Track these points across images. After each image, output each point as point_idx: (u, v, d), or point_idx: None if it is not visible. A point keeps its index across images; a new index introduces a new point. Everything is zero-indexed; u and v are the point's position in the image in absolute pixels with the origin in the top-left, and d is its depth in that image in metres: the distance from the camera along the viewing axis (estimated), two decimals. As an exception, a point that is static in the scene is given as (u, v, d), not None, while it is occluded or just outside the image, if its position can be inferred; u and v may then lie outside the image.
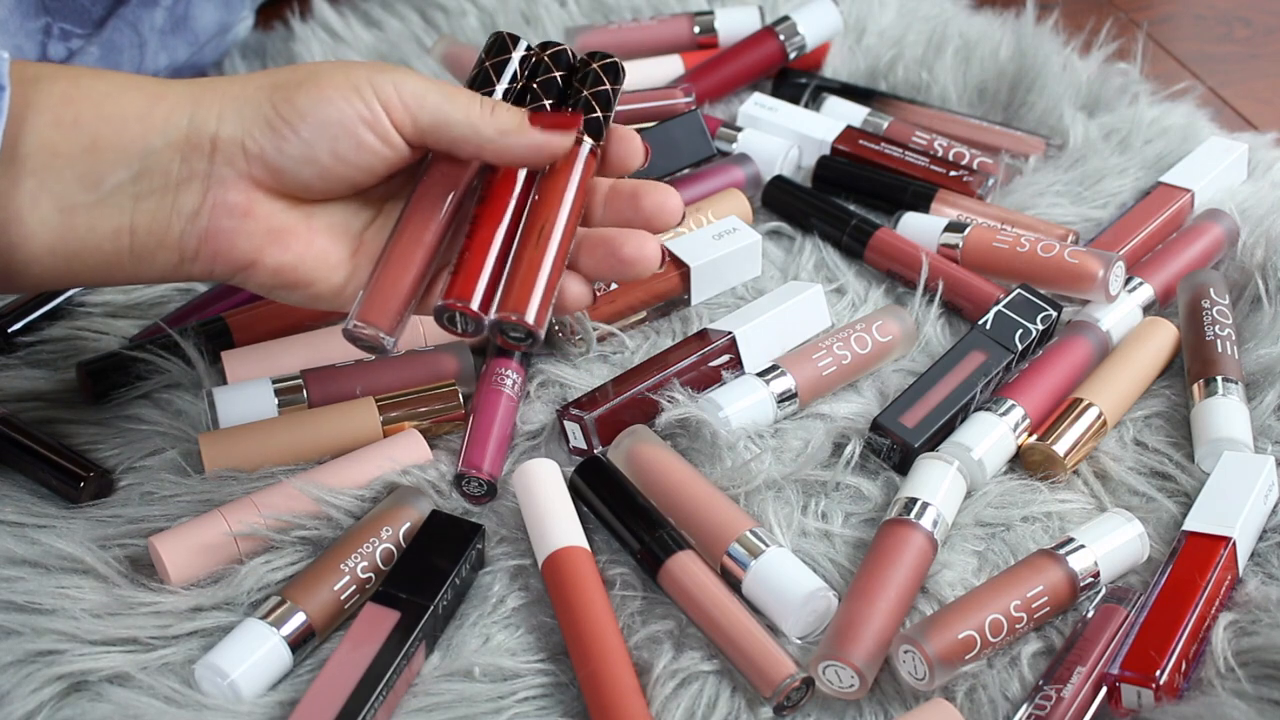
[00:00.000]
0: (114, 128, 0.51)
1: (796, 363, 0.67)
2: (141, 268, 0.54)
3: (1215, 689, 0.53)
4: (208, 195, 0.53)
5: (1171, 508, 0.62)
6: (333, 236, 0.56)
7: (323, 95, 0.53)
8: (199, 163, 0.53)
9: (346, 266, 0.56)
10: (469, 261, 0.55)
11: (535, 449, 0.66)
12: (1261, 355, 0.68)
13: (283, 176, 0.54)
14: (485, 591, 0.59)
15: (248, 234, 0.54)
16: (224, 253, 0.54)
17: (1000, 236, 0.74)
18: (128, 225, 0.52)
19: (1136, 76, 0.89)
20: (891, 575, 0.56)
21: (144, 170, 0.52)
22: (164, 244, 0.53)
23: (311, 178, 0.54)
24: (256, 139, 0.53)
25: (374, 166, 0.55)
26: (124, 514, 0.61)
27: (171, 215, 0.53)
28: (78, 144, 0.51)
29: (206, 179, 0.53)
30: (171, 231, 0.53)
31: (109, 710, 0.53)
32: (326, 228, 0.56)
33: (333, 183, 0.55)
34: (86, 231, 0.52)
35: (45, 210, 0.51)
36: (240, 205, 0.53)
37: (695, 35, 0.93)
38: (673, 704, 0.54)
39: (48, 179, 0.51)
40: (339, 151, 0.54)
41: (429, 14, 0.98)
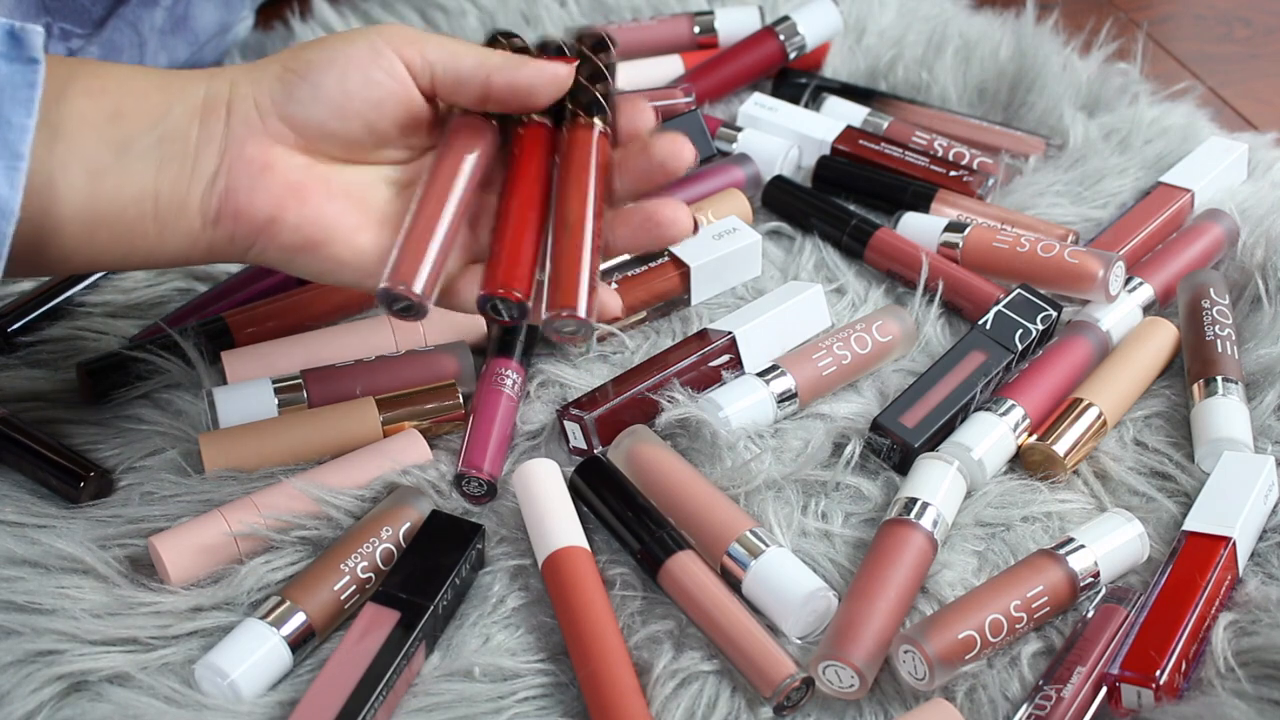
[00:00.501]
0: (137, 97, 0.54)
1: (796, 363, 0.67)
2: (165, 235, 0.55)
3: (1215, 689, 0.53)
4: (225, 155, 0.54)
5: (1171, 508, 0.62)
6: (351, 201, 0.56)
7: (329, 44, 0.55)
8: (216, 125, 0.54)
9: (369, 231, 0.56)
10: (505, 249, 0.55)
11: (535, 449, 0.66)
12: (1261, 355, 0.68)
13: (298, 123, 0.55)
14: (485, 591, 0.59)
15: (266, 188, 0.54)
16: (244, 210, 0.54)
17: (1000, 236, 0.74)
18: (151, 190, 0.54)
19: (1136, 76, 0.89)
20: (891, 575, 0.56)
21: (165, 135, 0.54)
22: (186, 209, 0.54)
23: (326, 116, 0.55)
24: (268, 93, 0.54)
25: (385, 104, 0.55)
26: (124, 514, 0.61)
27: (192, 178, 0.54)
28: (105, 111, 0.53)
29: (224, 139, 0.54)
30: (193, 195, 0.54)
31: (109, 710, 0.53)
32: (347, 191, 0.56)
33: (349, 121, 0.55)
34: (113, 195, 0.53)
35: (74, 174, 0.52)
36: (258, 159, 0.54)
37: (695, 35, 0.93)
38: (673, 704, 0.54)
39: (77, 143, 0.52)
40: (349, 87, 0.54)
41: (429, 14, 0.98)
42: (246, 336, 0.70)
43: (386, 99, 0.55)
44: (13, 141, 0.50)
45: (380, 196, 0.58)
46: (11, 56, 0.50)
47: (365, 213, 0.57)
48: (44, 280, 0.74)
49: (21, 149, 0.50)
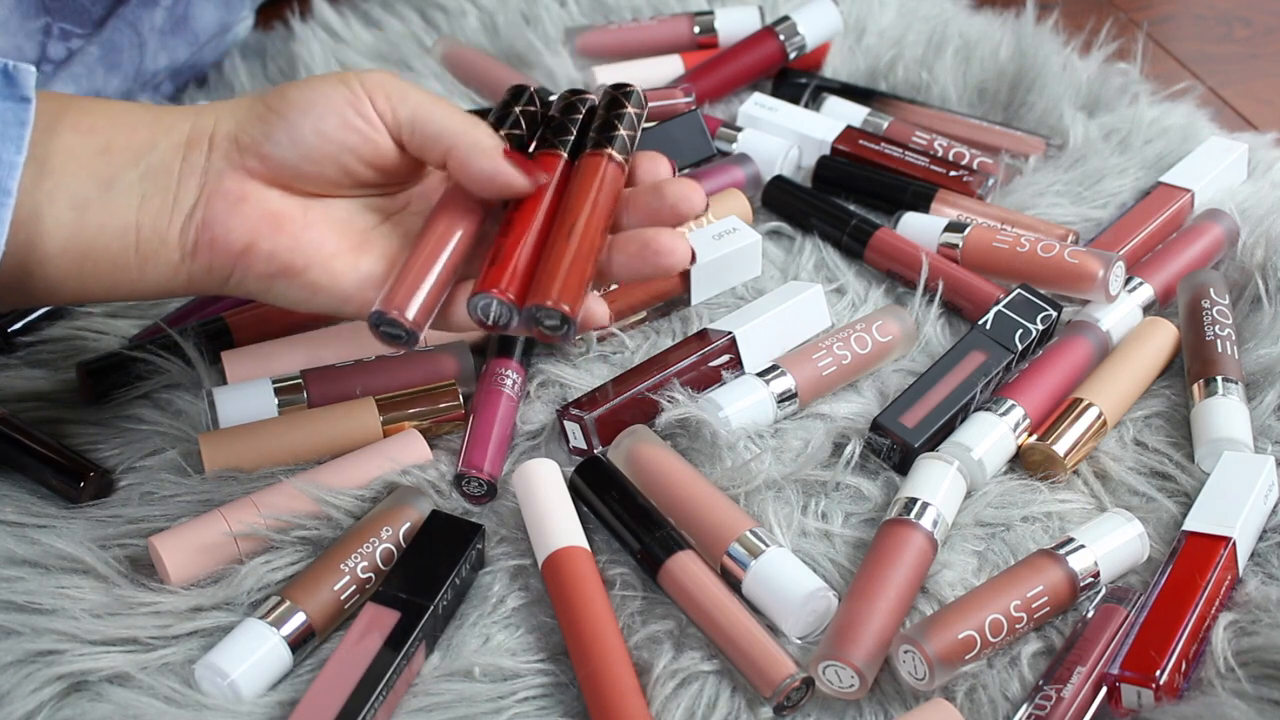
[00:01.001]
0: (125, 132, 0.55)
1: (796, 363, 0.67)
2: (146, 269, 0.55)
3: (1215, 689, 0.53)
4: (205, 187, 0.55)
5: (1171, 508, 0.62)
6: (331, 227, 0.57)
7: (309, 85, 0.56)
8: (197, 158, 0.55)
9: (346, 258, 0.57)
10: (501, 256, 0.56)
11: (535, 449, 0.66)
12: (1261, 355, 0.68)
13: (274, 162, 0.56)
14: (485, 591, 0.59)
15: (242, 218, 0.55)
16: (219, 240, 0.55)
17: (1000, 236, 0.74)
18: (134, 223, 0.54)
19: (1136, 76, 0.89)
20: (891, 575, 0.56)
21: (150, 169, 0.55)
22: (166, 241, 0.55)
23: (299, 159, 0.56)
24: (248, 130, 0.55)
25: (360, 149, 0.56)
26: (124, 514, 0.61)
27: (173, 210, 0.55)
28: (93, 146, 0.54)
29: (204, 172, 0.55)
30: (173, 227, 0.55)
31: (109, 710, 0.53)
32: (325, 219, 0.57)
33: (322, 164, 0.56)
34: (97, 229, 0.54)
35: (60, 208, 0.53)
36: (234, 191, 0.55)
37: (695, 35, 0.93)
38: (673, 704, 0.54)
39: (65, 178, 0.53)
40: (323, 130, 0.55)
41: (429, 14, 0.98)
42: (246, 336, 0.70)
43: (361, 144, 0.56)
44: (1, 178, 0.51)
45: (361, 222, 0.58)
46: (4, 94, 0.51)
47: (344, 238, 0.57)
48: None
49: (10, 185, 0.51)
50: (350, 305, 0.57)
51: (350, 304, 0.57)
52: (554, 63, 0.92)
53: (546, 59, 0.92)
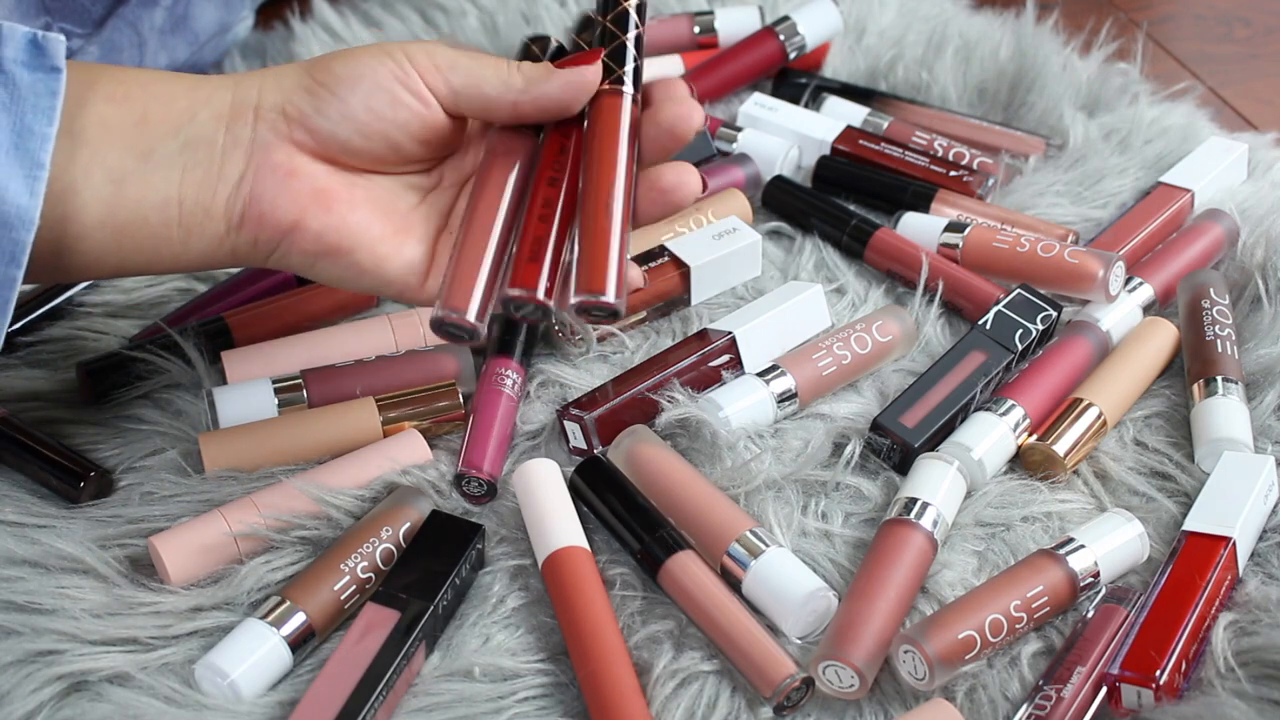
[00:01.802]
0: (162, 102, 0.54)
1: (796, 363, 0.67)
2: (190, 241, 0.55)
3: (1215, 689, 0.53)
4: (252, 159, 0.54)
5: (1171, 508, 0.62)
6: (376, 209, 0.57)
7: (357, 59, 0.55)
8: (243, 130, 0.54)
9: (391, 242, 0.57)
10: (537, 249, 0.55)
11: (535, 449, 0.66)
12: (1261, 355, 0.68)
13: (323, 137, 0.55)
14: (485, 591, 0.59)
15: (291, 194, 0.55)
16: (268, 215, 0.55)
17: (1000, 236, 0.74)
18: (175, 195, 0.54)
19: (1136, 76, 0.89)
20: (891, 575, 0.56)
21: (190, 140, 0.54)
22: (210, 214, 0.54)
23: (350, 134, 0.55)
24: (296, 103, 0.55)
25: (410, 125, 0.56)
26: (124, 514, 0.61)
27: (218, 183, 0.54)
28: (129, 117, 0.53)
29: (250, 144, 0.54)
30: (218, 199, 0.54)
31: (109, 710, 0.53)
32: (369, 199, 0.57)
33: (373, 140, 0.56)
34: (136, 202, 0.53)
35: (97, 181, 0.53)
36: (283, 165, 0.55)
37: (695, 35, 0.93)
38: (673, 704, 0.54)
39: (100, 150, 0.53)
40: (374, 107, 0.55)
41: (429, 14, 0.98)
42: (246, 336, 0.70)
43: (411, 120, 0.56)
44: (34, 150, 0.50)
45: (403, 203, 0.58)
46: (34, 65, 0.50)
47: (388, 221, 0.57)
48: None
49: (42, 158, 0.50)
50: (392, 289, 0.57)
51: (392, 287, 0.57)
52: (554, 63, 0.91)
53: (546, 59, 0.92)
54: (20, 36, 0.50)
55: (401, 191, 0.58)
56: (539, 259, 0.54)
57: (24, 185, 0.50)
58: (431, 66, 0.55)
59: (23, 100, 0.50)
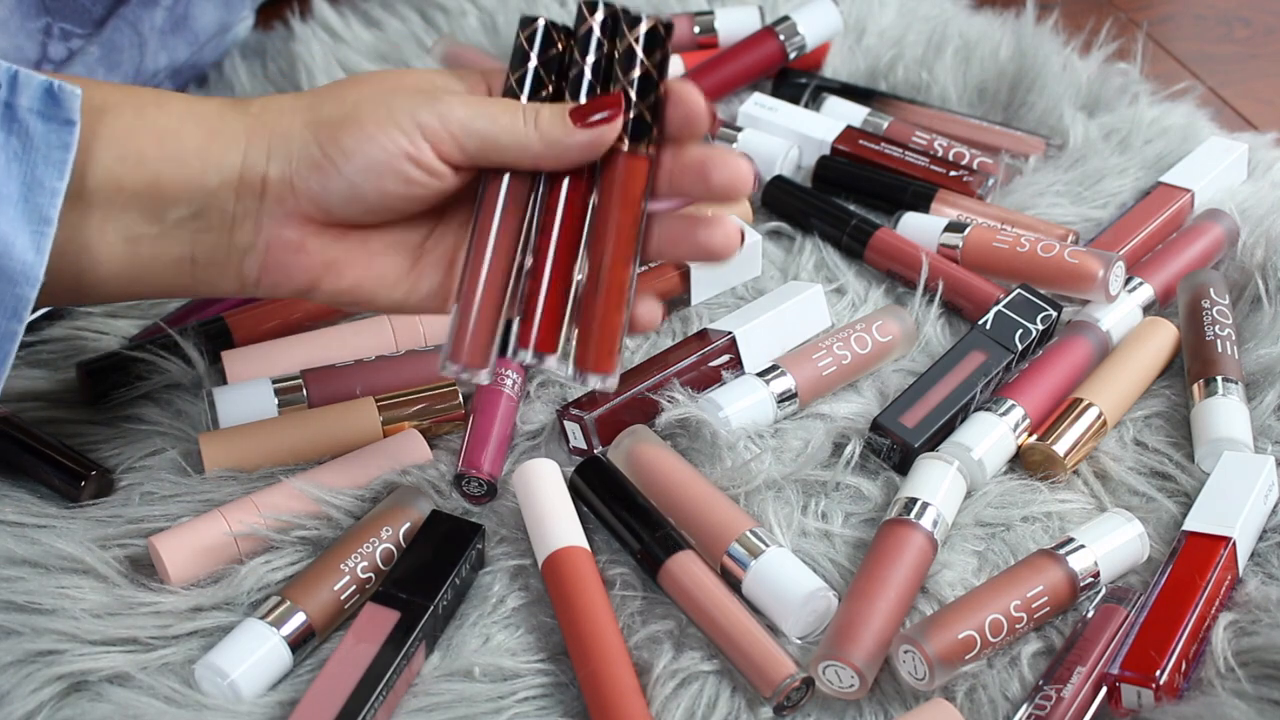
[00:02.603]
0: (174, 165, 0.53)
1: (796, 363, 0.67)
2: (203, 289, 0.56)
3: (1215, 689, 0.53)
4: (261, 233, 0.54)
5: (1171, 508, 0.62)
6: (389, 257, 0.56)
7: (365, 134, 0.52)
8: (251, 202, 0.54)
9: (405, 282, 0.56)
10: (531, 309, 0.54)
11: (535, 449, 0.66)
12: (1261, 355, 0.68)
13: (331, 213, 0.54)
14: (485, 591, 0.59)
15: (303, 267, 0.55)
16: (282, 282, 0.56)
17: (1000, 236, 0.74)
18: (189, 255, 0.54)
19: (1136, 76, 0.89)
20: (891, 575, 0.56)
21: (203, 208, 0.54)
22: (225, 273, 0.55)
23: (359, 214, 0.54)
24: (304, 177, 0.53)
25: (423, 197, 0.54)
26: (124, 514, 0.61)
27: (230, 250, 0.55)
28: (141, 179, 0.53)
29: (259, 217, 0.54)
30: (231, 262, 0.55)
31: (109, 710, 0.53)
32: (383, 249, 0.56)
33: (382, 215, 0.55)
34: (151, 260, 0.54)
35: (112, 240, 0.53)
36: (293, 241, 0.54)
37: (695, 35, 0.93)
38: (673, 704, 0.54)
39: (113, 211, 0.53)
40: (385, 188, 0.53)
41: (429, 14, 0.98)
42: (246, 336, 0.70)
43: (427, 194, 0.54)
44: (42, 205, 0.50)
45: (415, 239, 0.57)
46: (48, 115, 0.50)
47: (402, 263, 0.56)
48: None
49: (50, 214, 0.50)
50: (417, 312, 0.58)
51: (417, 311, 0.58)
52: (554, 63, 0.91)
53: (546, 59, 0.92)
54: (36, 85, 0.50)
55: (413, 227, 0.57)
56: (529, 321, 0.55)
57: (30, 241, 0.50)
58: (446, 135, 0.52)
59: (35, 151, 0.50)
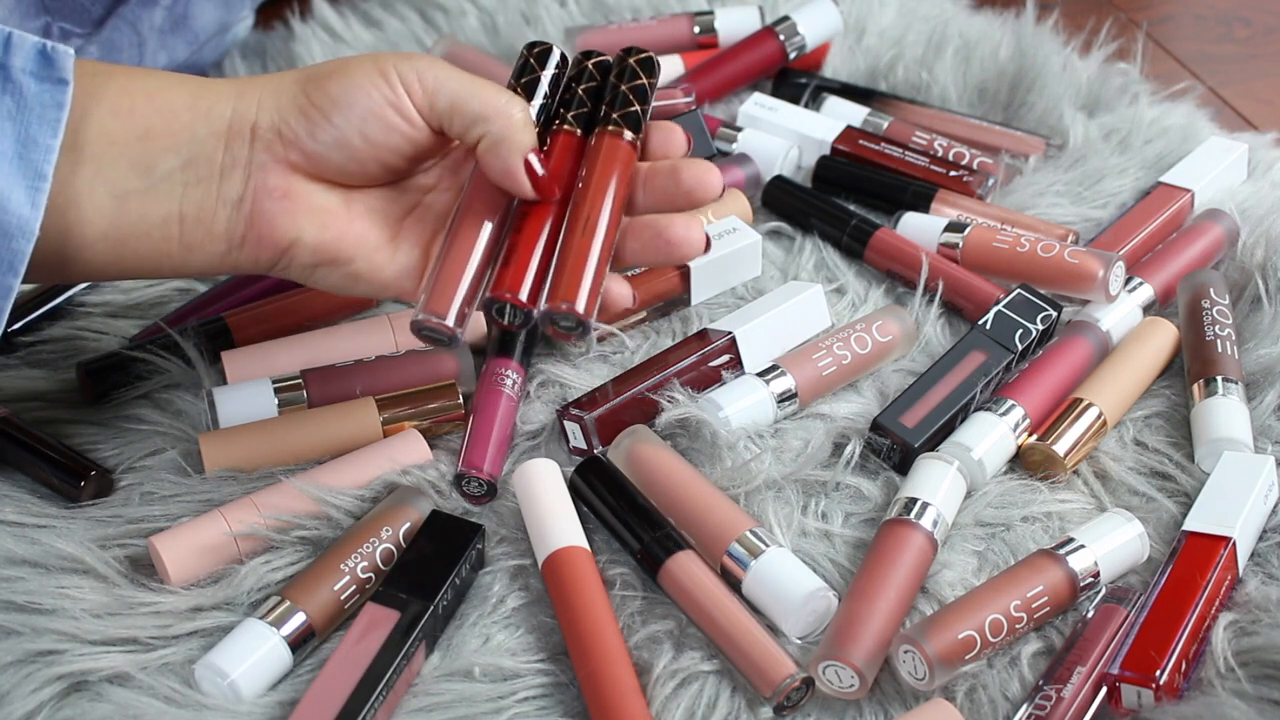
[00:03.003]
0: (165, 117, 0.54)
1: (796, 363, 0.67)
2: (190, 256, 0.56)
3: (1215, 689, 0.53)
4: (250, 181, 0.55)
5: (1171, 508, 0.62)
6: (371, 221, 0.58)
7: (351, 81, 0.56)
8: (240, 150, 0.55)
9: (386, 250, 0.58)
10: (517, 254, 0.57)
11: (535, 449, 0.66)
12: (1261, 355, 0.68)
13: (317, 160, 0.56)
14: (485, 591, 0.59)
15: (289, 214, 0.56)
16: (266, 236, 0.56)
17: (1000, 236, 0.74)
18: (177, 213, 0.55)
19: (1136, 76, 0.89)
20: (891, 575, 0.56)
21: (192, 158, 0.55)
22: (211, 233, 0.56)
23: (344, 160, 0.56)
24: (292, 125, 0.55)
25: (400, 147, 0.57)
26: (124, 514, 0.61)
27: (218, 203, 0.55)
28: (132, 132, 0.54)
29: (248, 165, 0.55)
30: (218, 220, 0.55)
31: (109, 710, 0.53)
32: (365, 212, 0.58)
33: (365, 164, 0.57)
34: (138, 219, 0.54)
35: (100, 196, 0.53)
36: (280, 188, 0.56)
37: (695, 35, 0.93)
38: (673, 704, 0.54)
39: (104, 165, 0.53)
40: (368, 134, 0.56)
41: (429, 14, 0.98)
42: (246, 336, 0.70)
43: (402, 144, 0.57)
44: (37, 162, 0.50)
45: (397, 210, 0.59)
46: (41, 76, 0.51)
47: (383, 230, 0.59)
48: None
49: (45, 170, 0.51)
50: (389, 291, 0.59)
51: (389, 290, 0.59)
52: (554, 63, 0.91)
53: (546, 59, 0.92)
54: (30, 46, 0.51)
55: (395, 199, 0.60)
56: (522, 266, 0.56)
57: (26, 196, 0.50)
58: (419, 89, 0.56)
59: (29, 110, 0.50)
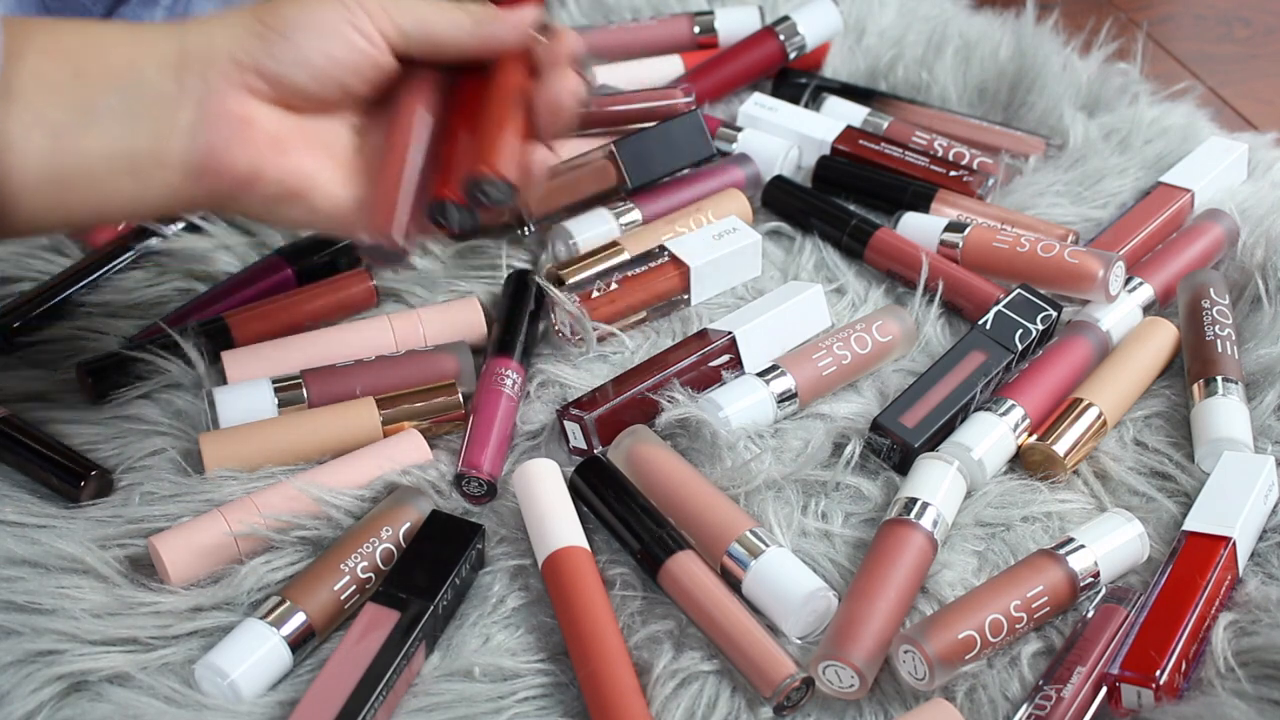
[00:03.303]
0: (99, 54, 0.53)
1: (796, 363, 0.67)
2: (144, 192, 0.54)
3: (1215, 689, 0.53)
4: (205, 107, 0.54)
5: (1171, 508, 0.62)
6: (326, 152, 0.57)
7: (308, 5, 0.55)
8: (192, 79, 0.54)
9: (340, 182, 0.57)
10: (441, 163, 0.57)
11: (535, 449, 0.66)
12: (1261, 355, 0.68)
13: (278, 81, 0.55)
14: (485, 591, 0.59)
15: (249, 141, 0.55)
16: (225, 165, 0.54)
17: (1000, 236, 0.74)
18: (124, 147, 0.53)
19: (1136, 76, 0.89)
20: (891, 575, 0.56)
21: (136, 92, 0.53)
22: (165, 164, 0.54)
23: (305, 78, 0.55)
24: (248, 49, 0.54)
25: (363, 69, 0.56)
26: (124, 514, 0.61)
27: (171, 135, 0.53)
28: (64, 71, 0.52)
29: (202, 93, 0.54)
30: (172, 150, 0.54)
31: (109, 710, 0.53)
32: (323, 143, 0.57)
33: (326, 84, 0.56)
34: (80, 154, 0.52)
35: (37, 138, 0.52)
36: (238, 114, 0.54)
37: (695, 35, 0.93)
38: (673, 704, 0.54)
39: (37, 105, 0.52)
40: (328, 50, 0.55)
41: (429, 14, 0.98)
42: (246, 336, 0.70)
43: (363, 62, 0.56)
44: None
45: (347, 143, 0.58)
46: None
47: (338, 163, 0.58)
48: (44, 280, 0.74)
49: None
50: (345, 226, 0.58)
51: (345, 224, 0.57)
52: (554, 63, 0.91)
53: (546, 59, 0.92)
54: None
55: (344, 133, 0.58)
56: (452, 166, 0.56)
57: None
58: (380, 10, 0.56)
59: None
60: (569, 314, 0.70)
